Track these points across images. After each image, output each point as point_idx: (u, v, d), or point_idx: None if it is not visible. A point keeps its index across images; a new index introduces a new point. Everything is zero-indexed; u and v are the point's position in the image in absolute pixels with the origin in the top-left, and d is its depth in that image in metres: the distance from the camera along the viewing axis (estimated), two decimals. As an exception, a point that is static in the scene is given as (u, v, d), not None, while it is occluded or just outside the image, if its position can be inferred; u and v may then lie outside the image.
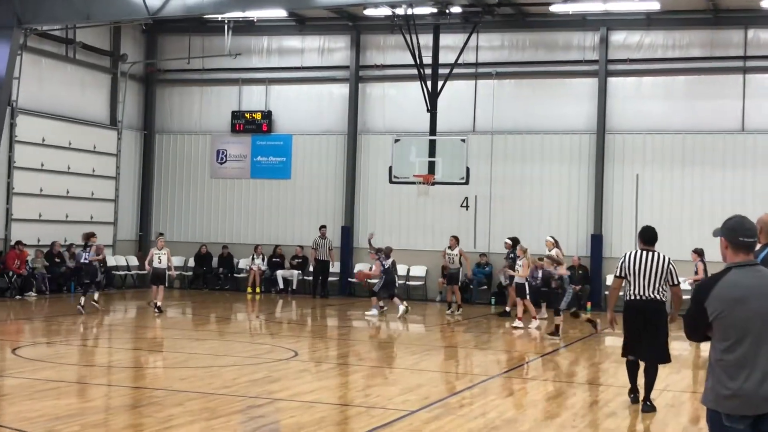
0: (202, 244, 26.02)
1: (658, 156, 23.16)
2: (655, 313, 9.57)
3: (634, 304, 9.61)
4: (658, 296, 9.56)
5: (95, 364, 12.32)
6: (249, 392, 10.12)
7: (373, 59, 25.54)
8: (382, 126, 25.28)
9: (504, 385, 11.43)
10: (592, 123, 23.54)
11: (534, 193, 23.98)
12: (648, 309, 9.56)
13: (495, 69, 24.34)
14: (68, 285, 23.23)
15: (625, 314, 9.76)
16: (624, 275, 9.63)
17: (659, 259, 9.56)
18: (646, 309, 9.56)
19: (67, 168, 24.30)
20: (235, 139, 26.64)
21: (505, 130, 24.23)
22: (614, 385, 11.43)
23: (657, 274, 9.50)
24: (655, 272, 9.50)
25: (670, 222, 22.19)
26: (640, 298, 9.54)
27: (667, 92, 23.25)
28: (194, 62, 26.51)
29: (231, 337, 15.99)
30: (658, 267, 9.51)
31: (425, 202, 23.97)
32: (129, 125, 26.76)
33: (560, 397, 10.48)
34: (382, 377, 11.86)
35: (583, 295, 22.73)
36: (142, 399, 9.73)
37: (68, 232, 24.08)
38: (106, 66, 26.04)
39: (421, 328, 18.64)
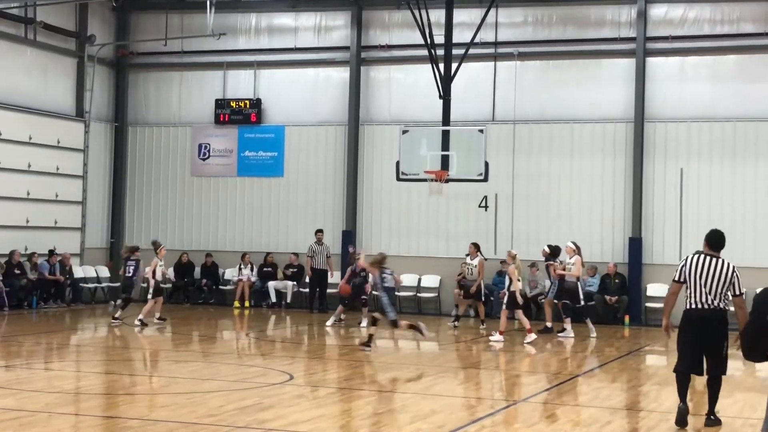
0: (182, 252, 26.06)
1: (705, 147, 23.12)
2: (716, 323, 9.95)
3: (693, 314, 10.04)
4: (720, 305, 9.97)
5: (61, 390, 12.32)
6: (237, 422, 10.12)
7: (377, 39, 25.55)
8: (388, 115, 25.28)
9: (531, 412, 11.42)
10: (629, 110, 23.52)
11: (562, 190, 23.96)
12: (709, 319, 9.95)
13: (517, 49, 24.32)
14: (29, 300, 23.27)
15: (682, 324, 10.16)
16: (683, 280, 10.10)
17: (723, 266, 10.02)
18: (706, 319, 9.95)
19: (28, 166, 24.35)
20: (220, 132, 26.67)
21: (529, 118, 24.21)
22: (657, 411, 11.40)
23: (720, 282, 9.95)
24: (718, 279, 9.95)
25: (720, 223, 22.04)
26: (700, 307, 9.98)
27: (715, 74, 23.22)
28: (172, 44, 26.54)
29: (216, 358, 16.00)
30: (722, 274, 9.96)
31: (438, 202, 23.97)
32: (98, 116, 26.79)
33: (595, 424, 10.47)
34: (391, 403, 11.85)
35: (620, 307, 22.73)
36: (114, 430, 9.73)
37: (29, 239, 24.12)
38: (72, 49, 26.09)
39: (434, 346, 18.63)
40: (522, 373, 15.03)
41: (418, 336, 17.31)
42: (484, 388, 13.65)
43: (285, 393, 12.18)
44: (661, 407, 11.81)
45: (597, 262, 23.37)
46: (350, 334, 19.71)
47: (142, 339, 18.27)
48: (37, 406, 10.80)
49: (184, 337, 19.16)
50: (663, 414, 11.15)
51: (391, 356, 17.17)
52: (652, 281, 23.14)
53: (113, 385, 13.11)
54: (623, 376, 14.79)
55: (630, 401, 12.64)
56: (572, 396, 12.63)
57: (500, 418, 10.83)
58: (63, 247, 24.68)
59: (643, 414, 11.40)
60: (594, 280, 23.12)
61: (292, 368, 14.47)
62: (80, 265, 25.70)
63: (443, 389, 13.15)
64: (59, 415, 10.40)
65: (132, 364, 15.15)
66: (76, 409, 11.18)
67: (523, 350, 17.74)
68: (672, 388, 13.35)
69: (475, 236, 23.10)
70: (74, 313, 23.00)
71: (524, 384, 13.90)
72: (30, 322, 21.10)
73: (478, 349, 17.86)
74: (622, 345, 19.04)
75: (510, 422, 10.57)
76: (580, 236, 23.63)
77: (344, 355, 16.97)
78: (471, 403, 12.13)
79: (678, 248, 22.97)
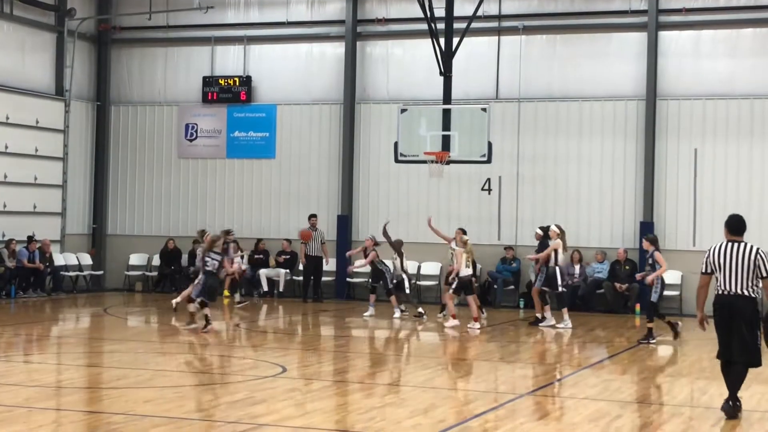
0: (168, 238, 26.06)
1: (720, 126, 23.12)
2: (743, 310, 10.30)
3: (721, 300, 10.43)
4: (747, 292, 10.31)
5: (42, 384, 12.35)
6: (228, 416, 10.14)
7: (374, 12, 25.51)
8: (386, 93, 25.27)
9: (536, 406, 11.45)
10: (640, 87, 23.50)
11: (570, 172, 23.97)
12: (736, 305, 10.30)
13: (522, 22, 24.29)
14: (8, 289, 23.29)
15: (714, 312, 10.50)
16: (710, 271, 10.52)
17: (746, 249, 10.37)
18: (733, 305, 10.31)
19: (5, 147, 24.33)
20: (208, 111, 26.65)
21: (534, 96, 24.20)
22: (669, 404, 11.44)
23: (745, 267, 10.31)
24: (743, 264, 10.32)
25: (736, 206, 22.12)
26: (727, 293, 10.37)
27: (732, 48, 23.19)
28: (157, 18, 26.49)
29: (205, 350, 16.03)
30: (745, 258, 10.32)
31: (439, 185, 23.97)
32: (79, 95, 26.76)
33: (604, 418, 10.50)
34: (389, 397, 11.89)
35: (632, 296, 22.77)
36: (98, 426, 9.76)
37: (7, 224, 24.13)
38: (50, 23, 26.03)
39: (434, 337, 18.67)
40: (527, 365, 15.06)
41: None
42: (487, 381, 13.68)
43: (278, 386, 12.20)
44: (673, 400, 11.85)
45: (606, 248, 23.42)
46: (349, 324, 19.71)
47: (126, 330, 18.30)
48: (16, 401, 10.82)
49: (171, 328, 19.18)
50: (676, 407, 11.19)
51: (389, 347, 17.21)
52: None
53: (96, 379, 13.14)
54: (634, 368, 14.83)
55: (641, 394, 12.67)
56: (580, 389, 12.66)
57: (504, 412, 10.86)
58: (43, 234, 24.68)
59: (654, 407, 11.44)
60: (603, 267, 23.17)
61: (285, 360, 14.50)
62: (61, 252, 25.71)
63: (443, 382, 13.18)
64: (39, 410, 10.43)
65: (116, 356, 15.17)
66: (57, 404, 11.21)
67: (527, 341, 17.78)
68: (685, 380, 13.45)
69: (478, 221, 23.15)
70: (55, 303, 23.02)
71: (529, 376, 13.94)
72: (8, 313, 21.11)
73: (479, 341, 17.90)
74: (632, 335, 19.07)
75: (514, 417, 10.60)
76: (589, 220, 23.74)
77: (340, 347, 17.00)
78: (473, 397, 12.16)
79: (692, 233, 23.02)
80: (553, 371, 14.49)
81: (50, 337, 17.75)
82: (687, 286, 22.89)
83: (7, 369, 13.49)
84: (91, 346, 16.57)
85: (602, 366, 14.91)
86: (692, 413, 11.06)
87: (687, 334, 19.49)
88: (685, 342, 17.95)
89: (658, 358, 16.42)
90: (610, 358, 15.92)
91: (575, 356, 16.33)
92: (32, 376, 13.06)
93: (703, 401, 11.87)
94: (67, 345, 16.86)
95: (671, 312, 22.73)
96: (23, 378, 12.80)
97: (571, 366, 14.87)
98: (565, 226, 22.04)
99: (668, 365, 15.54)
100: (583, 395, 12.12)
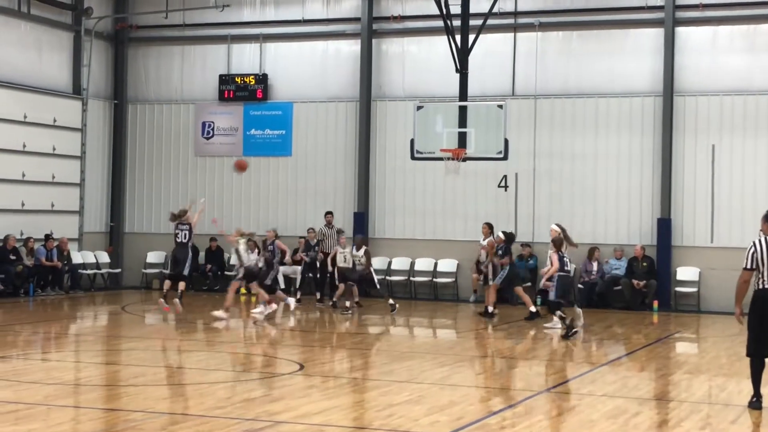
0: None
1: (738, 122, 23.02)
2: None
3: (760, 294, 10.44)
4: None
5: (60, 381, 12.39)
6: (246, 413, 10.16)
7: (389, 9, 25.49)
8: (402, 90, 25.25)
9: (553, 403, 11.43)
10: (657, 83, 23.42)
11: (587, 169, 23.92)
12: None
13: (538, 19, 24.24)
14: (26, 287, 23.38)
15: (750, 306, 10.50)
16: (755, 267, 10.46)
17: None
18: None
19: (23, 146, 24.42)
20: (224, 109, 26.69)
21: (551, 93, 24.15)
22: (688, 401, 11.39)
23: None
24: None
25: (754, 202, 22.07)
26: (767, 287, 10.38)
27: (750, 44, 23.09)
28: (173, 16, 26.54)
29: (223, 347, 16.06)
30: None
31: (455, 182, 23.95)
32: (96, 94, 26.84)
33: (623, 416, 10.47)
34: (406, 394, 11.87)
35: (649, 292, 22.70)
36: (116, 423, 9.78)
37: (25, 223, 24.22)
38: (68, 23, 26.12)
39: (452, 334, 18.64)
40: (544, 362, 15.03)
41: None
42: (505, 378, 13.66)
43: (295, 383, 12.21)
44: (692, 397, 11.81)
45: (624, 245, 23.36)
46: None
47: (144, 328, 18.36)
48: (35, 399, 10.86)
49: (189, 326, 19.22)
50: (694, 404, 11.15)
51: (407, 345, 17.21)
52: (681, 264, 23.11)
53: (114, 376, 13.18)
54: (652, 365, 14.79)
55: (659, 391, 12.63)
56: (598, 386, 12.62)
57: (521, 409, 10.84)
58: (60, 232, 24.78)
59: (673, 404, 11.39)
60: (621, 264, 23.11)
61: (303, 358, 14.51)
62: (78, 250, 25.80)
63: (461, 379, 13.16)
64: (58, 408, 10.46)
65: (134, 353, 15.22)
66: (76, 401, 11.25)
67: (545, 338, 17.73)
68: (704, 377, 13.40)
69: (495, 218, 23.08)
70: (73, 301, 23.11)
71: (547, 374, 13.91)
72: (27, 311, 21.21)
73: (496, 338, 17.87)
74: (650, 332, 19.02)
75: (532, 414, 10.58)
76: (606, 217, 23.68)
77: (357, 344, 17.01)
78: (491, 394, 12.14)
79: (709, 229, 22.93)
80: (570, 368, 14.46)
81: (68, 335, 17.82)
82: (705, 283, 22.82)
83: (26, 367, 13.55)
84: (109, 344, 16.62)
85: (620, 363, 14.87)
86: (711, 410, 11.01)
87: (705, 330, 19.45)
88: (703, 339, 17.88)
89: (677, 355, 16.36)
90: (628, 354, 15.88)
91: (593, 353, 16.29)
92: (51, 373, 13.11)
93: (722, 398, 11.82)
94: (85, 343, 16.92)
95: (689, 309, 22.69)
96: (42, 376, 12.85)
97: (589, 363, 14.84)
98: (582, 223, 22.15)
99: (686, 362, 15.48)
100: (601, 392, 12.08)
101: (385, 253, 25.04)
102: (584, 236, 23.56)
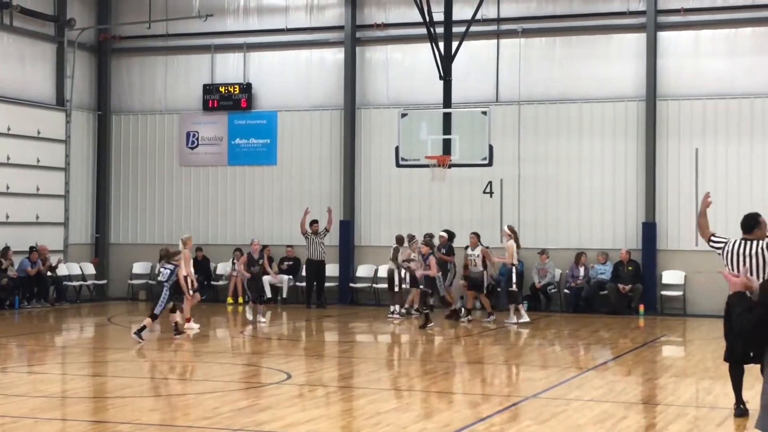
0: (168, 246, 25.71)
1: (721, 125, 23.12)
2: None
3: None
4: None
5: (47, 394, 12.36)
6: (233, 424, 10.15)
7: (372, 17, 25.52)
8: (386, 98, 25.28)
9: (541, 408, 11.44)
10: (640, 88, 23.51)
11: (571, 174, 23.98)
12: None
13: (521, 25, 24.30)
14: (11, 299, 23.29)
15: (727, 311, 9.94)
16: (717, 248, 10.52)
17: (757, 246, 10.28)
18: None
19: (6, 159, 24.35)
20: (209, 119, 26.67)
21: (534, 98, 24.21)
22: (675, 405, 11.43)
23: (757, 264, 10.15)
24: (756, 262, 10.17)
25: (738, 205, 22.11)
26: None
27: (731, 48, 23.20)
28: (156, 26, 26.51)
29: (209, 357, 16.03)
30: (756, 255, 10.21)
31: (440, 188, 23.97)
32: (79, 105, 26.79)
33: (610, 420, 10.50)
34: (394, 402, 11.89)
35: (635, 296, 22.76)
36: (104, 435, 9.76)
37: (9, 235, 24.12)
38: (50, 34, 26.06)
39: (438, 340, 18.66)
40: (531, 367, 15.06)
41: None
42: (492, 384, 13.68)
43: (283, 393, 12.21)
44: (678, 401, 11.85)
45: (609, 249, 23.43)
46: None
47: (130, 339, 18.29)
48: (21, 412, 10.83)
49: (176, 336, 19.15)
50: (681, 408, 11.19)
51: (393, 352, 17.22)
52: (667, 268, 23.18)
53: (101, 388, 13.15)
54: (638, 369, 14.83)
55: (646, 395, 12.67)
56: (585, 390, 12.66)
57: (509, 415, 10.86)
58: (45, 244, 24.66)
59: (660, 408, 11.44)
60: (606, 268, 23.17)
61: (290, 367, 14.50)
62: (64, 262, 25.71)
63: (448, 386, 13.18)
64: (45, 421, 10.44)
65: (120, 365, 15.18)
66: (63, 414, 11.22)
67: (531, 343, 17.76)
68: (690, 380, 13.45)
69: (480, 224, 23.13)
70: (58, 313, 23.04)
71: (534, 379, 13.93)
72: (12, 323, 21.13)
73: (484, 344, 17.89)
74: (636, 336, 19.08)
75: (519, 420, 10.60)
76: (591, 222, 23.75)
77: (344, 352, 17.01)
78: (478, 401, 12.16)
79: (694, 233, 22.96)
80: (557, 373, 14.49)
81: (54, 347, 17.75)
82: (690, 286, 22.90)
83: (13, 380, 13.50)
84: (95, 356, 16.58)
85: (607, 367, 14.91)
86: (697, 413, 11.06)
87: (691, 333, 19.51)
88: (689, 342, 17.93)
89: (663, 358, 16.41)
90: (615, 359, 15.92)
91: (580, 358, 16.33)
92: (37, 386, 13.07)
93: (709, 401, 11.87)
94: (71, 355, 16.87)
95: (675, 312, 22.77)
96: (28, 389, 12.82)
97: (576, 368, 14.87)
98: (567, 228, 22.22)
99: (673, 365, 15.53)
100: (588, 397, 12.11)
101: (371, 261, 25.05)
102: (570, 241, 23.69)
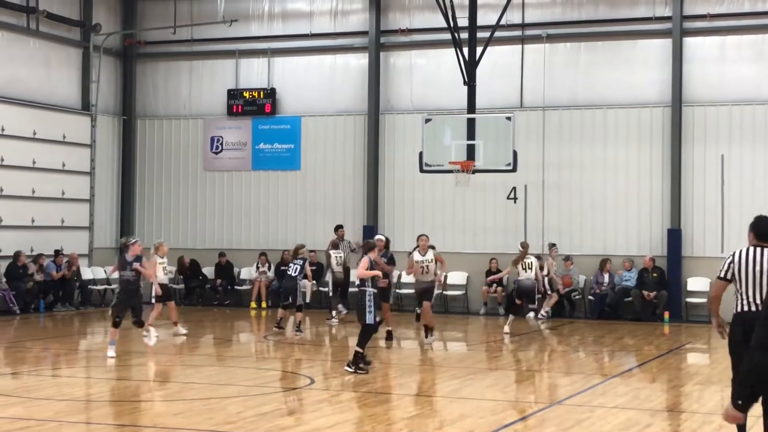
0: (181, 253, 25.62)
1: (747, 132, 23.01)
2: None
3: (744, 317, 8.72)
4: None
5: (71, 397, 12.41)
6: (257, 428, 10.16)
7: (396, 23, 25.55)
8: (410, 103, 25.29)
9: (565, 415, 11.40)
10: (665, 94, 23.42)
11: (596, 180, 23.91)
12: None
13: (546, 30, 24.28)
14: (36, 303, 23.43)
15: (732, 330, 8.86)
16: (730, 278, 8.95)
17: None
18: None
19: (32, 163, 24.52)
20: (233, 124, 26.76)
21: (559, 104, 24.16)
22: (699, 412, 11.37)
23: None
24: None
25: (765, 212, 21.96)
26: (754, 310, 8.69)
27: (758, 53, 23.09)
28: (181, 32, 26.64)
29: (233, 362, 16.06)
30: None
31: (464, 194, 23.96)
32: (105, 109, 26.94)
33: (634, 427, 10.46)
34: (417, 408, 11.87)
35: (660, 303, 22.66)
36: (128, 439, 9.80)
37: (35, 239, 24.28)
38: (76, 39, 26.23)
39: (462, 347, 18.63)
40: (555, 374, 15.01)
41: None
42: (516, 391, 13.64)
43: (306, 398, 12.21)
44: (703, 408, 11.78)
45: (634, 256, 23.34)
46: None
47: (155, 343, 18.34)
48: (46, 415, 10.88)
49: (199, 341, 19.23)
50: (706, 415, 11.12)
51: (417, 358, 17.20)
52: (692, 275, 23.07)
53: (125, 392, 13.19)
54: (663, 376, 14.76)
55: (671, 402, 12.61)
56: (610, 397, 12.60)
57: (533, 422, 10.83)
58: (70, 248, 24.83)
59: (685, 416, 11.37)
60: (631, 275, 23.08)
61: (314, 372, 14.51)
62: (89, 266, 25.85)
63: (472, 392, 13.15)
64: (70, 424, 10.48)
65: (144, 369, 15.23)
66: (87, 417, 11.26)
67: (556, 350, 17.71)
68: (716, 388, 13.35)
69: (504, 230, 23.10)
70: (83, 317, 23.15)
71: (558, 385, 13.89)
72: (37, 327, 21.25)
73: (508, 350, 17.85)
74: (661, 343, 18.99)
75: (543, 426, 10.57)
76: (615, 228, 23.66)
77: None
78: (502, 407, 12.12)
79: (720, 240, 22.89)
80: (582, 380, 14.43)
81: (79, 351, 17.84)
82: (716, 293, 22.73)
83: (38, 383, 13.57)
84: (119, 360, 16.63)
85: (631, 374, 14.85)
86: (723, 421, 10.96)
87: (716, 341, 19.36)
88: (715, 349, 17.82)
89: (688, 365, 16.32)
90: (640, 366, 15.85)
91: (604, 365, 16.26)
92: (62, 389, 13.13)
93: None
94: (96, 359, 16.93)
95: (700, 319, 22.64)
96: (53, 392, 12.87)
97: (601, 375, 14.81)
98: (592, 235, 22.15)
99: (698, 373, 15.45)
100: (612, 404, 12.06)
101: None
102: (594, 247, 23.60)
